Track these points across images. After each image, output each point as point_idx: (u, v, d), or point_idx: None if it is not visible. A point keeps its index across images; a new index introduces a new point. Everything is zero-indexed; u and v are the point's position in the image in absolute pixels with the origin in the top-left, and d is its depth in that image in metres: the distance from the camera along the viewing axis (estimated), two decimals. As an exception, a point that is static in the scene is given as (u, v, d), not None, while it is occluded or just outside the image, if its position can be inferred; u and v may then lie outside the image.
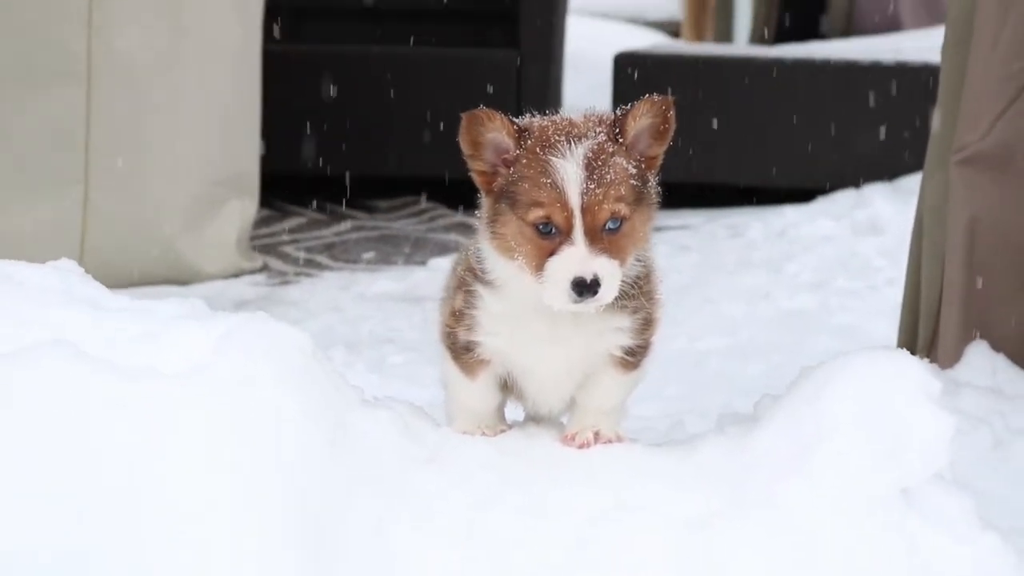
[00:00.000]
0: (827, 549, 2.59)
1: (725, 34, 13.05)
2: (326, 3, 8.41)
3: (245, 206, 6.43)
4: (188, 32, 6.05)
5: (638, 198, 2.66)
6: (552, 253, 2.63)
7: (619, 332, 2.80)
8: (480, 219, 2.78)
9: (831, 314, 5.56)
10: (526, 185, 2.65)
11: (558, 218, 2.62)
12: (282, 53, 7.46)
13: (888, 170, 7.63)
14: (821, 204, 7.46)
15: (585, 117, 2.74)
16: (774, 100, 7.95)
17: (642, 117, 2.69)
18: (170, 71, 6.04)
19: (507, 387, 2.93)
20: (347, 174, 7.80)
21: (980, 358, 3.72)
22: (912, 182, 7.30)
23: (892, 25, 9.91)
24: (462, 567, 2.59)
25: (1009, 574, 2.60)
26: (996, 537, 2.61)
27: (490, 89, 7.94)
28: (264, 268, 6.58)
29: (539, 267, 2.65)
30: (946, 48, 3.87)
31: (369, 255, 6.90)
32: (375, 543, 2.61)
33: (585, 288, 2.60)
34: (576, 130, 2.68)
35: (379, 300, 5.96)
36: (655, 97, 2.70)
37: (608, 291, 2.62)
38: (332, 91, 7.84)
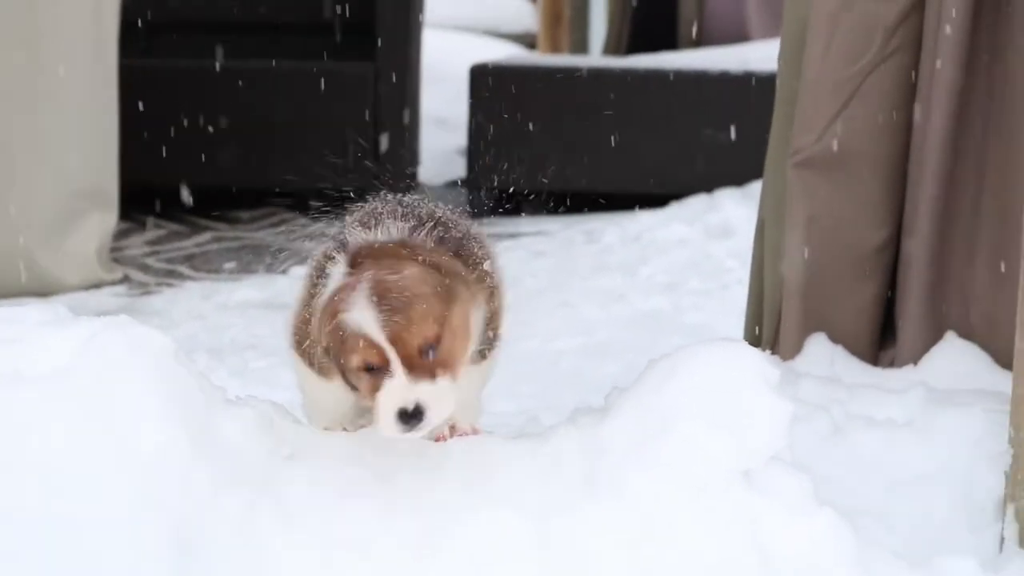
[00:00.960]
0: (674, 530, 2.70)
1: (580, 46, 13.20)
2: (181, 17, 8.41)
3: (104, 218, 6.43)
4: (43, 45, 6.05)
5: (446, 306, 2.67)
6: (379, 389, 2.67)
7: None
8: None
9: (683, 314, 5.72)
10: (339, 344, 2.68)
11: (374, 359, 2.65)
12: (138, 67, 7.46)
13: (738, 176, 7.82)
14: (674, 209, 7.64)
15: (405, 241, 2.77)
16: (627, 109, 8.11)
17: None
18: (25, 85, 6.03)
19: None
20: (201, 186, 7.83)
21: (819, 349, 3.88)
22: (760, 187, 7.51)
23: (740, 36, 10.12)
24: (325, 563, 2.66)
25: (844, 547, 2.73)
26: (832, 513, 2.74)
27: (346, 102, 8.02)
28: (125, 279, 6.59)
29: (373, 401, 2.69)
30: (782, 55, 4.03)
31: (230, 265, 6.94)
32: (239, 541, 2.66)
33: (410, 417, 2.65)
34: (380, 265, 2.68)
35: (241, 308, 6.00)
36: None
37: (437, 414, 2.66)
38: (189, 105, 7.86)
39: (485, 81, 8.16)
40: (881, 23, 3.74)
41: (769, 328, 4.01)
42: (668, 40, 10.30)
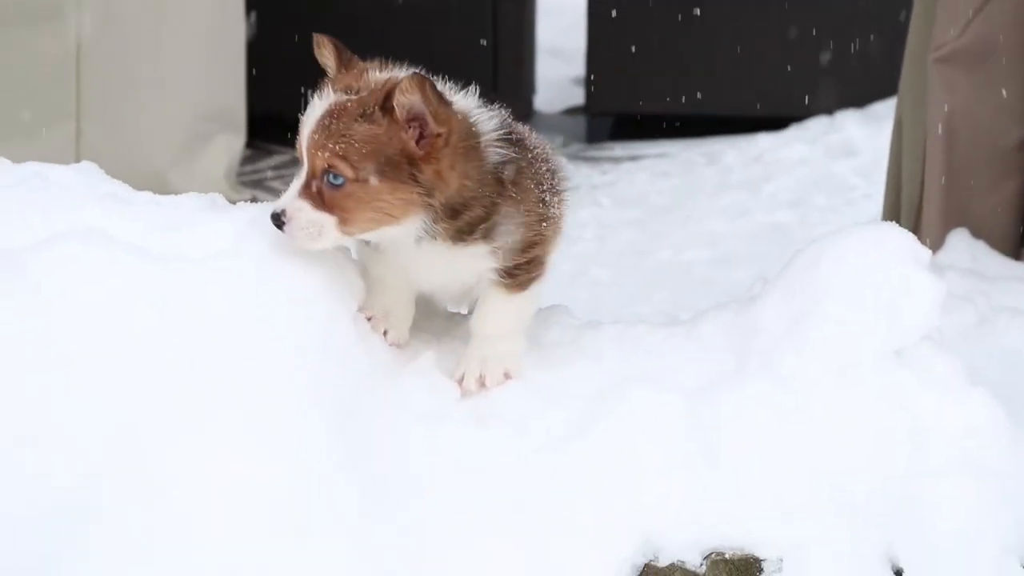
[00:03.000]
0: (825, 408, 2.72)
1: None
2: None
3: (232, 140, 6.52)
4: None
5: (385, 168, 2.63)
6: None
7: (481, 258, 2.76)
8: None
9: (810, 227, 5.70)
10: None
11: (299, 152, 2.71)
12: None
13: (859, 97, 7.75)
14: (794, 131, 7.59)
15: (384, 77, 2.70)
16: (746, 31, 8.05)
17: (404, 93, 2.60)
18: (156, 7, 6.11)
19: None
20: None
21: (961, 244, 3.87)
22: (883, 107, 7.45)
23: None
24: (474, 448, 2.69)
25: (996, 427, 2.74)
26: (984, 393, 2.75)
27: (465, 25, 8.03)
28: (253, 201, 6.66)
29: None
30: (922, -49, 4.00)
31: (354, 187, 7.00)
32: (395, 418, 2.71)
33: (273, 218, 2.68)
34: (348, 82, 2.70)
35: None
36: (412, 75, 2.62)
37: (299, 233, 2.66)
38: (310, 31, 7.90)
39: (604, 5, 8.13)
40: (1026, -85, 3.71)
41: (907, 226, 3.99)
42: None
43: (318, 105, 2.68)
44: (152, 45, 6.13)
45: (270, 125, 7.70)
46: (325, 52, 2.77)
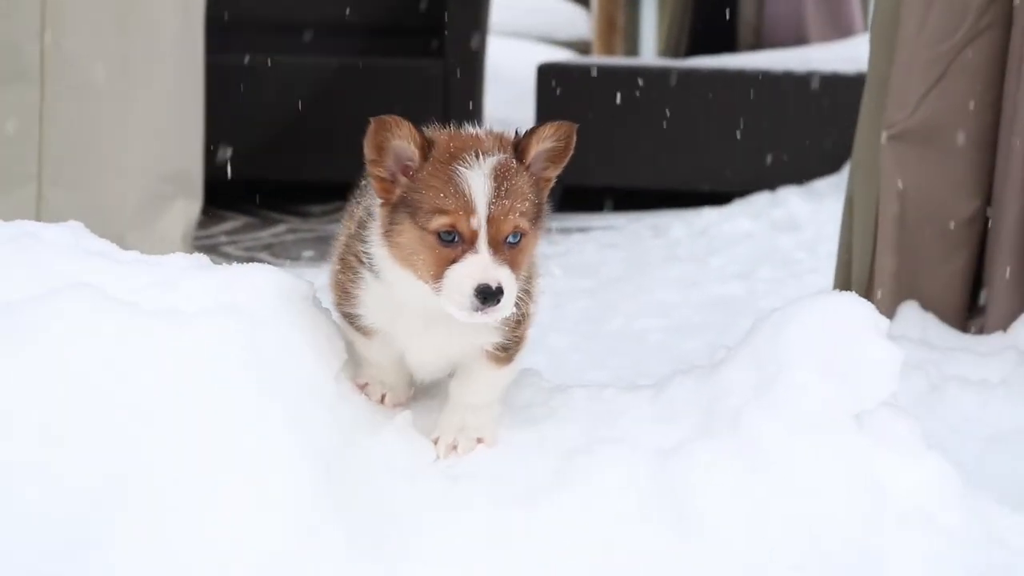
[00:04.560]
0: (788, 468, 2.82)
1: (632, 52, 13.34)
2: (259, 16, 8.55)
3: (189, 205, 6.56)
4: (136, 34, 6.18)
5: (535, 217, 2.69)
6: (453, 262, 2.63)
7: (492, 330, 2.83)
8: (375, 228, 2.78)
9: (758, 298, 5.82)
10: (430, 194, 2.64)
11: (463, 226, 2.62)
12: (216, 63, 7.61)
13: (800, 174, 7.93)
14: (738, 205, 7.75)
15: (487, 134, 2.74)
16: (691, 108, 8.22)
17: (545, 140, 2.72)
18: (120, 72, 6.16)
19: None
20: (272, 180, 7.94)
21: (912, 316, 4.00)
22: (823, 184, 7.64)
23: (798, 39, 10.23)
24: (451, 499, 2.79)
25: (951, 489, 2.85)
26: (939, 456, 2.86)
27: (416, 97, 8.15)
28: (208, 265, 6.72)
29: (438, 276, 2.63)
30: (873, 36, 4.16)
31: (309, 253, 7.08)
32: (373, 477, 2.80)
33: (489, 295, 2.60)
34: (481, 145, 2.67)
35: (326, 292, 6.13)
36: (560, 122, 2.76)
37: (509, 302, 2.63)
38: (263, 100, 8.00)
39: (552, 79, 8.29)
40: (973, 2, 3.87)
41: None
42: (727, 44, 10.40)
43: (480, 171, 2.64)
44: (115, 108, 6.17)
45: (224, 191, 7.82)
46: (402, 131, 2.68)
